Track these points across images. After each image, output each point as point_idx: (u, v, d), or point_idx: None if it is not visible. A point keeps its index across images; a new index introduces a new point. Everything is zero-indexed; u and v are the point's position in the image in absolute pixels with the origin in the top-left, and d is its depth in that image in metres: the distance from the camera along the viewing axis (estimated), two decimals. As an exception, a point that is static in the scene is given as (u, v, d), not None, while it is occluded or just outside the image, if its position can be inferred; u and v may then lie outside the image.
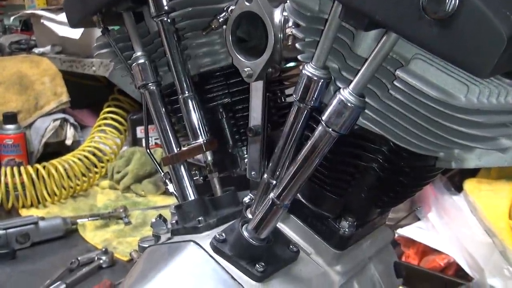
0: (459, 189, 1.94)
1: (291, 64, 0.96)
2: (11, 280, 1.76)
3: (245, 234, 0.80)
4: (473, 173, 1.97)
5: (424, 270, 1.73)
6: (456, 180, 2.00)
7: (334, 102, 0.66)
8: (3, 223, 1.95)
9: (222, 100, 1.01)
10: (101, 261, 1.83)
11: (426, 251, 1.81)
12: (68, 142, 2.71)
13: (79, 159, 2.42)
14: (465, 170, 1.96)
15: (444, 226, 1.82)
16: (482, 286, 1.50)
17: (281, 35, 0.84)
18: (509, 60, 0.54)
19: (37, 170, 2.29)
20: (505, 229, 1.66)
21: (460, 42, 0.54)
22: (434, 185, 1.91)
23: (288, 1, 0.72)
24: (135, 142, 2.71)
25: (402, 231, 1.86)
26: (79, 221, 2.13)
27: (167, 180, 1.01)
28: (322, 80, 0.68)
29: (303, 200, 0.92)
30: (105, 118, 2.63)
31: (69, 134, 2.72)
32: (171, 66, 0.96)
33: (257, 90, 0.91)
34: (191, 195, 0.96)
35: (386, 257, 1.06)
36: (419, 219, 1.96)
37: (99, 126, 2.62)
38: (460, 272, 1.72)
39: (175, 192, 0.99)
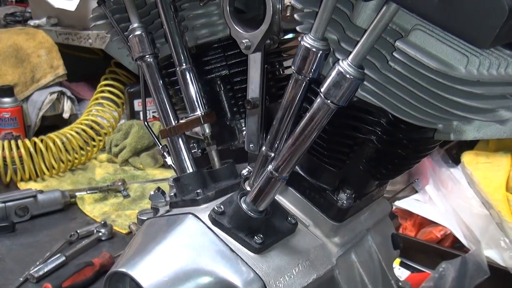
0: (456, 161, 1.95)
1: (290, 35, 0.95)
2: (11, 252, 1.77)
3: (244, 206, 0.81)
4: (471, 145, 1.98)
5: (421, 242, 1.74)
6: (453, 153, 2.01)
7: (333, 73, 0.65)
8: (1, 197, 1.95)
9: (220, 72, 1.01)
10: (100, 234, 1.84)
11: (423, 223, 1.83)
12: (66, 115, 2.70)
13: (77, 132, 2.41)
14: (463, 143, 1.96)
15: (441, 198, 1.84)
16: (478, 257, 1.51)
17: (280, 6, 0.83)
18: (510, 31, 0.53)
19: (34, 144, 2.28)
20: (502, 201, 1.67)
21: (461, 12, 0.53)
22: (432, 157, 1.91)
23: (286, -29, 0.71)
24: (133, 115, 2.70)
25: (400, 203, 1.87)
26: (77, 194, 2.14)
27: (165, 153, 1.01)
28: (320, 52, 0.67)
29: (301, 173, 0.92)
30: (102, 91, 2.62)
31: (66, 107, 2.71)
32: (168, 38, 0.95)
33: (255, 62, 0.90)
34: (189, 168, 0.96)
35: (383, 229, 1.07)
36: (416, 192, 1.97)
37: (96, 99, 2.61)
38: (456, 243, 1.73)
39: (173, 165, 0.99)
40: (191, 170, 0.96)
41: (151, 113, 2.56)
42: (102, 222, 1.88)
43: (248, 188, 0.84)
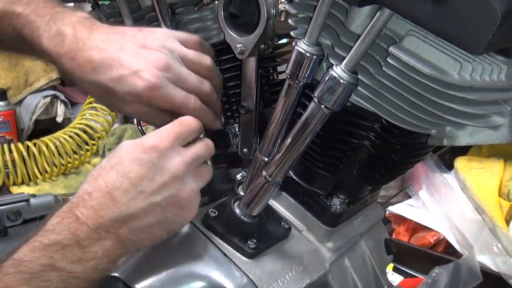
0: (450, 166, 1.96)
1: (284, 40, 0.95)
2: (3, 257, 1.76)
3: (237, 211, 0.80)
4: (464, 151, 1.99)
5: (414, 247, 1.75)
6: (447, 158, 2.01)
7: (327, 78, 0.65)
8: (-6, 200, 1.94)
9: (214, 77, 1.00)
10: (93, 238, 1.83)
11: (417, 228, 1.83)
12: (59, 119, 2.69)
13: (70, 136, 2.40)
14: (456, 148, 1.97)
15: (435, 204, 1.84)
16: (471, 262, 1.51)
17: (274, 11, 0.83)
18: (503, 37, 0.54)
19: (27, 148, 2.27)
20: (495, 206, 1.68)
21: (454, 18, 0.53)
22: (425, 162, 1.92)
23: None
24: (126, 119, 2.69)
25: (393, 209, 1.88)
26: (70, 198, 2.12)
27: (158, 157, 1.01)
28: (314, 57, 0.68)
29: (295, 178, 0.92)
30: (96, 95, 2.61)
31: (60, 111, 2.69)
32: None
33: (249, 67, 0.90)
34: (182, 172, 0.96)
35: (377, 234, 1.07)
36: (410, 197, 1.98)
37: (90, 103, 2.59)
38: (449, 249, 1.74)
39: (166, 169, 0.99)
40: (184, 175, 0.95)
41: (144, 117, 2.55)
42: (95, 227, 1.87)
43: (242, 193, 0.84)
